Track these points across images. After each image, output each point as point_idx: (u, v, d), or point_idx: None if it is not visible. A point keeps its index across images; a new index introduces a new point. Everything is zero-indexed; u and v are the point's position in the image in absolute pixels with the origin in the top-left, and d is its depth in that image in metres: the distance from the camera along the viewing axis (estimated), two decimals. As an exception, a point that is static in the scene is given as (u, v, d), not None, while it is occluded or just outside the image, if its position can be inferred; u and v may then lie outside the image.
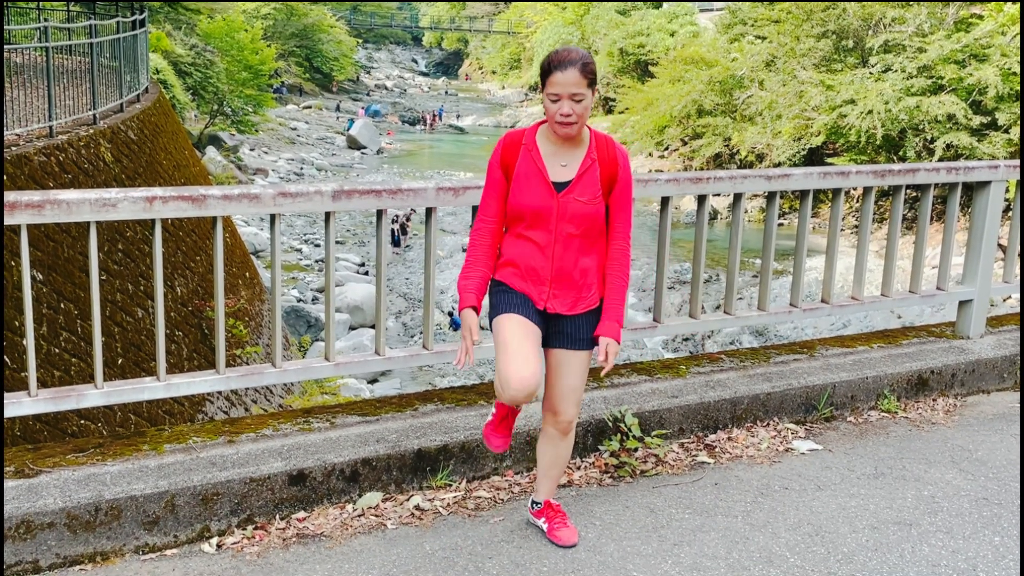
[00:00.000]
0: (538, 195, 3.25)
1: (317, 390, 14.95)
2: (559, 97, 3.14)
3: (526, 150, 3.29)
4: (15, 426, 7.42)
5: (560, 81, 3.13)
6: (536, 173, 3.26)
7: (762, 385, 4.68)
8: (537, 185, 3.25)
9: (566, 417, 3.43)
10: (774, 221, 4.92)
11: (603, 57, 49.96)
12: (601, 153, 3.28)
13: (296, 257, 27.54)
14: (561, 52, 3.18)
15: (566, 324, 3.36)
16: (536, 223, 3.27)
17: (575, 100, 3.14)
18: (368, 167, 44.60)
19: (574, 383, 3.40)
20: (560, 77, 3.13)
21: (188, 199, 3.62)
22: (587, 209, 3.25)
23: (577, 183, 3.24)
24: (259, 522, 3.57)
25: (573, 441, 3.54)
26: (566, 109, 3.14)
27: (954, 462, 4.34)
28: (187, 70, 33.68)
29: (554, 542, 3.51)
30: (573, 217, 3.24)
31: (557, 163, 3.26)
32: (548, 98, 3.17)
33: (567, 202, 3.23)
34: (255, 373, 3.99)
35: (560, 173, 3.26)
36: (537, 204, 3.25)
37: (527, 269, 3.31)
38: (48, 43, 10.92)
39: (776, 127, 29.88)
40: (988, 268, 5.43)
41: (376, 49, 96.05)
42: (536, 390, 3.22)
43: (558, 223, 3.25)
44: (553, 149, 3.28)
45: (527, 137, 3.31)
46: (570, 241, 3.26)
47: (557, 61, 3.14)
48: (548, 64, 3.15)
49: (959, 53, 24.95)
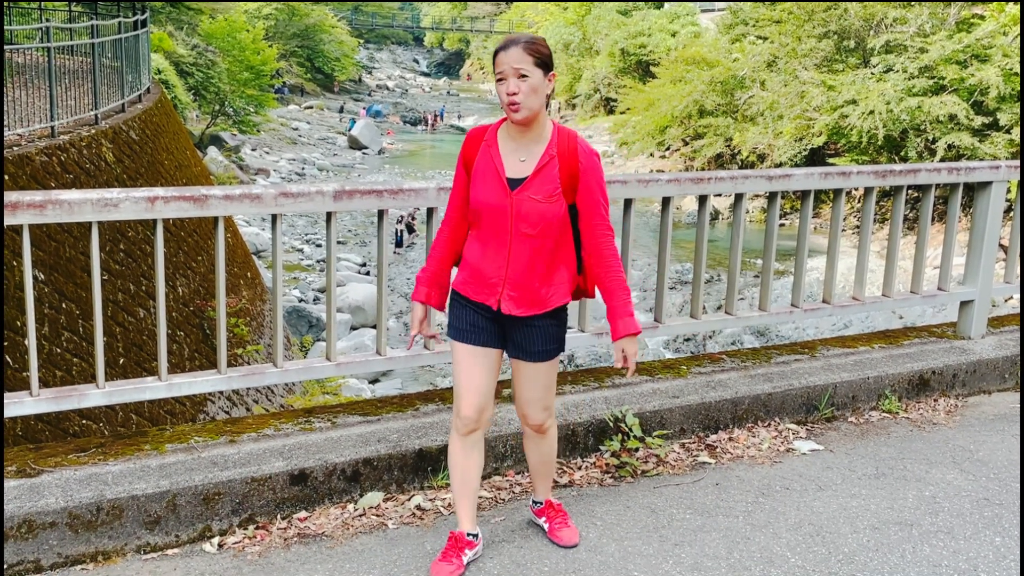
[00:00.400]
0: (492, 193, 3.12)
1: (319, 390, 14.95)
2: (504, 76, 3.04)
3: (486, 146, 3.17)
4: (17, 426, 7.43)
5: (503, 60, 3.04)
6: (492, 170, 3.14)
7: (763, 385, 4.68)
8: (492, 182, 3.13)
9: (532, 421, 3.39)
10: (775, 221, 4.92)
11: (604, 57, 49.97)
12: (561, 148, 3.12)
13: (297, 257, 27.55)
14: (507, 37, 3.14)
15: (522, 333, 3.24)
16: (491, 222, 3.14)
17: (520, 78, 3.02)
18: (369, 167, 44.60)
19: (533, 395, 3.33)
20: (503, 56, 3.04)
21: (190, 199, 3.62)
22: (544, 208, 3.09)
23: (533, 180, 3.10)
24: (260, 522, 3.57)
25: (555, 438, 3.49)
26: (512, 87, 3.02)
27: (955, 462, 4.34)
28: (189, 70, 33.71)
29: (555, 542, 3.50)
30: (528, 216, 3.09)
31: (516, 159, 3.13)
32: (497, 83, 3.06)
33: (521, 200, 3.09)
34: (256, 373, 3.99)
35: (517, 169, 3.13)
36: (491, 202, 3.12)
37: (479, 273, 3.20)
38: (50, 43, 10.93)
39: (777, 127, 29.88)
40: (989, 268, 5.43)
41: (378, 49, 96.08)
42: (481, 417, 3.26)
43: (514, 223, 3.11)
44: (513, 145, 3.15)
45: (489, 132, 3.20)
46: (526, 242, 3.12)
47: (502, 44, 3.08)
48: (495, 50, 3.09)
49: (961, 53, 24.95)
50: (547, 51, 3.10)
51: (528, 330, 3.24)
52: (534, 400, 3.35)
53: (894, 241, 5.27)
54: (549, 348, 3.28)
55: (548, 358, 3.29)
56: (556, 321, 3.27)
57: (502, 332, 3.28)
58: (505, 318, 3.23)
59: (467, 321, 3.26)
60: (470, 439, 3.29)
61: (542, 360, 3.29)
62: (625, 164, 39.30)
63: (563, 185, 3.12)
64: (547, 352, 3.28)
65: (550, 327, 3.26)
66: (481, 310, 3.25)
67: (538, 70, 3.05)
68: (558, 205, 3.12)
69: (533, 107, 3.06)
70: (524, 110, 3.05)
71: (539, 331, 3.25)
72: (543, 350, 3.27)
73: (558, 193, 3.11)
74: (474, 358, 3.26)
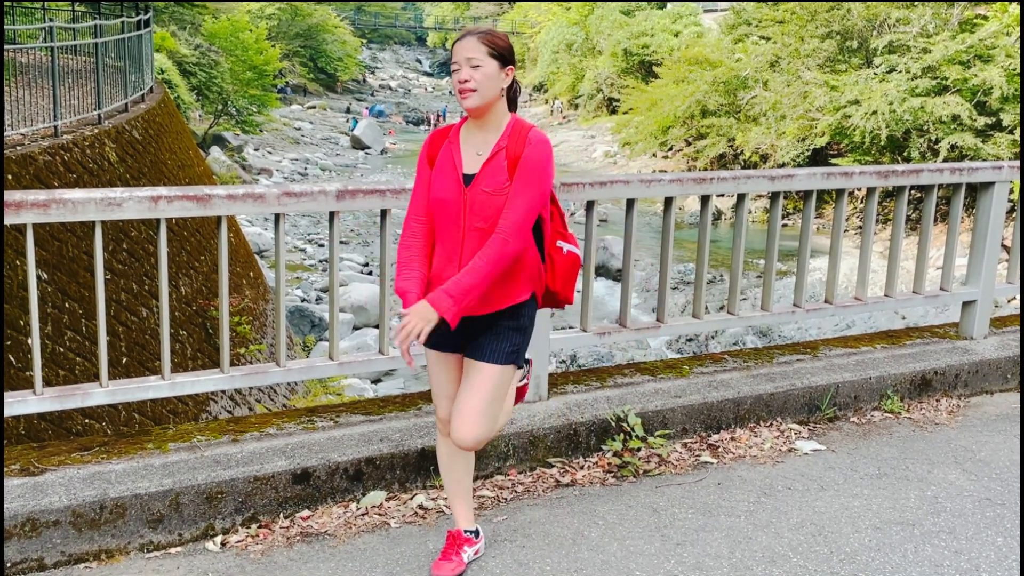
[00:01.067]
0: (447, 189, 3.08)
1: (321, 390, 14.96)
2: (458, 65, 3.03)
3: (448, 143, 3.14)
4: (20, 425, 7.44)
5: (457, 49, 3.03)
6: (451, 166, 3.09)
7: (765, 385, 4.68)
8: (448, 178, 3.09)
9: (455, 434, 3.10)
10: (778, 222, 4.92)
11: (607, 57, 49.93)
12: (512, 139, 3.05)
13: (300, 257, 27.56)
14: (464, 28, 3.13)
15: (477, 332, 3.12)
16: (445, 219, 3.07)
17: (472, 67, 3.00)
18: (372, 167, 44.62)
19: (468, 404, 3.08)
20: (457, 46, 3.04)
21: (193, 199, 3.63)
22: (494, 200, 3.01)
23: (483, 172, 3.04)
24: (263, 520, 3.58)
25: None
26: (463, 75, 3.00)
27: (957, 462, 4.34)
28: (192, 70, 33.74)
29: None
30: (480, 209, 3.02)
31: (473, 152, 3.09)
32: (452, 72, 3.05)
33: (474, 193, 3.03)
34: (259, 372, 4.00)
35: (473, 164, 3.07)
36: (445, 198, 3.07)
37: (436, 273, 3.10)
38: (53, 43, 10.94)
39: (780, 128, 29.85)
40: (992, 269, 5.43)
41: (380, 49, 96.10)
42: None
43: (466, 217, 3.04)
44: (471, 140, 3.11)
45: (452, 131, 3.16)
46: (478, 236, 3.03)
47: (459, 36, 3.07)
48: (453, 43, 3.09)
49: (964, 54, 24.91)
50: (504, 44, 3.07)
51: (483, 328, 3.11)
52: (467, 412, 3.07)
53: (896, 241, 5.27)
54: (500, 349, 3.08)
55: (497, 360, 3.08)
56: (514, 323, 3.11)
57: (463, 334, 3.15)
58: (465, 319, 3.09)
59: (439, 328, 3.04)
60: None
61: (490, 361, 3.08)
62: (628, 164, 39.29)
63: (511, 176, 3.03)
64: (496, 353, 3.08)
65: (506, 329, 3.10)
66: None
67: (492, 61, 3.02)
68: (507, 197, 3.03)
69: (486, 96, 3.02)
70: (474, 98, 3.01)
71: (493, 330, 3.10)
72: (493, 349, 3.08)
73: (506, 185, 3.02)
74: (441, 364, 3.23)
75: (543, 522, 3.67)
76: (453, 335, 3.14)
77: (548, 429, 4.13)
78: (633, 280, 4.55)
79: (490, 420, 3.11)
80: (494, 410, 3.12)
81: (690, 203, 27.51)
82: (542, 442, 4.12)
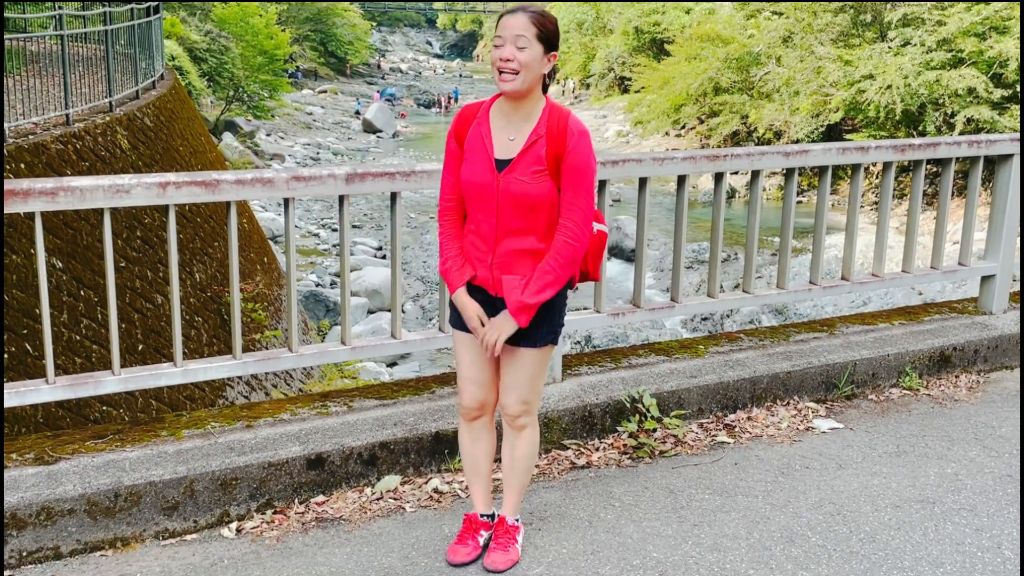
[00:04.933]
0: (480, 173, 3.02)
1: (336, 374, 14.99)
2: (502, 41, 2.92)
3: (477, 123, 3.06)
4: (37, 413, 7.48)
5: (505, 24, 2.92)
6: (481, 149, 3.03)
7: (782, 364, 4.64)
8: (480, 162, 3.02)
9: (508, 411, 3.21)
10: (792, 198, 4.87)
11: (618, 36, 49.66)
12: (551, 127, 2.98)
13: (314, 242, 27.60)
14: (517, 3, 3.02)
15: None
16: (479, 203, 3.03)
17: (518, 47, 2.90)
18: (384, 151, 44.57)
19: (513, 380, 3.16)
20: (506, 20, 2.93)
21: (201, 184, 3.60)
22: (530, 189, 2.97)
23: (519, 160, 2.98)
24: (278, 506, 3.57)
25: (532, 446, 3.27)
26: (506, 53, 2.90)
27: (977, 439, 4.30)
28: (202, 56, 33.72)
29: (484, 564, 3.24)
30: (515, 198, 2.98)
31: (505, 137, 3.01)
32: (494, 47, 2.93)
33: (508, 181, 2.98)
34: (272, 358, 3.99)
35: (506, 149, 3.01)
36: (478, 182, 3.01)
37: (473, 253, 3.10)
38: (63, 31, 10.93)
39: (794, 104, 29.63)
40: (1011, 243, 5.35)
41: (391, 32, 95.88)
42: (482, 405, 3.25)
43: (500, 204, 3.00)
44: (504, 122, 3.03)
45: (482, 110, 3.08)
46: (513, 223, 3.00)
47: (509, 8, 2.97)
48: (500, 15, 2.99)
49: (979, 26, 24.62)
50: (553, 27, 2.97)
51: None
52: (512, 386, 3.16)
53: (913, 216, 5.21)
54: (539, 333, 3.10)
55: (534, 343, 3.11)
56: (548, 305, 3.09)
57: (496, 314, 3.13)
58: (499, 302, 3.09)
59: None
60: (475, 425, 3.29)
61: (530, 345, 3.11)
62: (640, 143, 39.10)
63: (549, 166, 2.98)
64: (535, 337, 3.10)
65: (542, 312, 3.08)
66: (476, 295, 3.13)
67: (539, 44, 2.93)
68: (544, 185, 2.98)
69: (527, 81, 2.94)
70: (515, 82, 2.92)
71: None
72: (531, 334, 3.09)
73: (544, 173, 2.98)
74: (468, 347, 3.21)
75: (559, 504, 3.65)
76: (489, 319, 3.11)
77: (563, 411, 4.10)
78: (647, 260, 4.50)
79: (536, 395, 3.23)
80: (538, 386, 3.22)
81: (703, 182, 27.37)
82: (557, 424, 4.09)
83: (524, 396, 3.19)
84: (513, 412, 3.21)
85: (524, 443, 3.26)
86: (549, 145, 2.97)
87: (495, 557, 3.24)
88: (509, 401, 3.20)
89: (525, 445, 3.26)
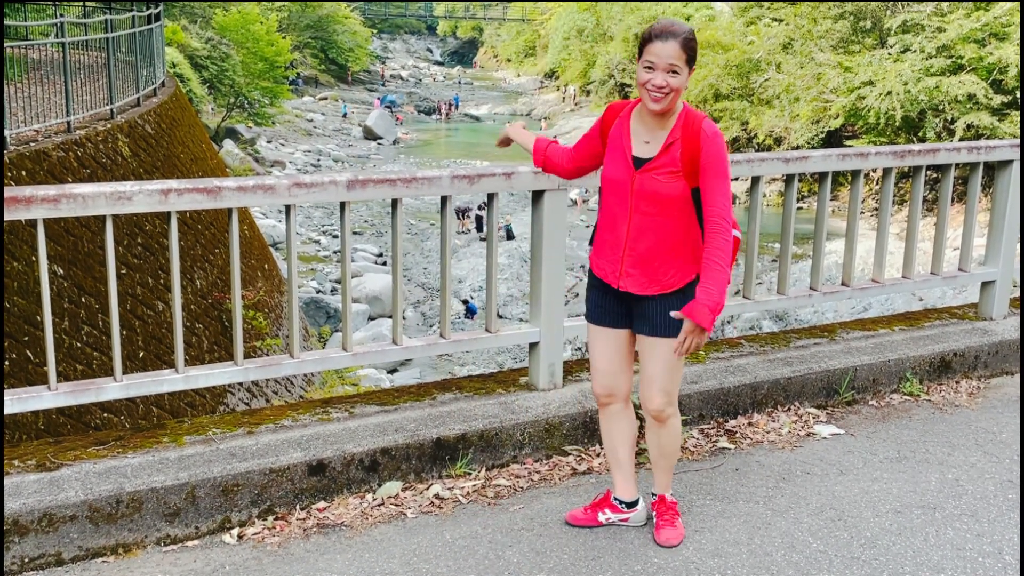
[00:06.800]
0: (618, 168, 3.21)
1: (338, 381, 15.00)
2: (654, 67, 3.06)
3: (620, 120, 3.25)
4: (39, 420, 7.48)
5: (658, 51, 3.05)
6: (620, 147, 3.22)
7: (782, 370, 4.64)
8: (619, 158, 3.21)
9: (650, 405, 3.36)
10: (793, 204, 4.87)
11: (619, 43, 49.74)
12: (686, 131, 3.15)
13: (315, 248, 27.62)
14: (665, 23, 3.11)
15: (643, 307, 3.28)
16: (614, 199, 3.23)
17: (671, 73, 3.06)
18: (384, 157, 44.64)
19: (652, 372, 3.32)
20: (659, 47, 3.05)
21: (203, 191, 3.61)
22: (665, 188, 3.14)
23: (656, 160, 3.15)
24: (279, 512, 3.57)
25: (676, 430, 3.43)
26: (659, 80, 3.06)
27: (978, 444, 4.30)
28: (203, 63, 33.78)
29: (655, 539, 3.44)
30: (649, 195, 3.15)
31: (641, 139, 3.19)
32: (643, 67, 3.08)
33: (644, 179, 3.15)
34: (273, 364, 3.99)
35: (643, 149, 3.18)
36: (616, 178, 3.21)
37: (602, 251, 3.31)
38: (65, 39, 10.96)
39: (794, 110, 29.69)
40: (1011, 248, 5.36)
41: (391, 39, 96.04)
42: (613, 393, 3.43)
43: (634, 200, 3.18)
44: (642, 127, 3.20)
45: (626, 109, 3.27)
46: (645, 220, 3.18)
47: (659, 31, 3.07)
48: (649, 34, 3.09)
49: (979, 32, 24.68)
50: (696, 46, 3.14)
51: (652, 304, 3.26)
52: (651, 378, 3.33)
53: (913, 222, 5.22)
54: (670, 323, 3.24)
55: (668, 333, 3.25)
56: (682, 299, 3.22)
57: (628, 311, 3.33)
58: (624, 296, 3.29)
59: (594, 302, 3.38)
60: (609, 410, 3.48)
61: (662, 335, 3.26)
62: (641, 150, 39.10)
63: (684, 167, 3.13)
64: (667, 327, 3.24)
65: (674, 300, 3.23)
66: (606, 290, 3.33)
67: (687, 67, 3.09)
68: (678, 185, 3.14)
69: (674, 100, 3.11)
70: (665, 102, 3.09)
71: (660, 303, 3.25)
72: (662, 323, 3.25)
73: (678, 173, 3.14)
74: (601, 340, 3.39)
75: (560, 510, 3.65)
76: (619, 312, 3.33)
77: (564, 417, 4.11)
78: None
79: (675, 385, 3.37)
80: (676, 375, 3.36)
81: (704, 188, 27.39)
82: (558, 430, 4.10)
83: (664, 386, 3.33)
84: (656, 405, 3.35)
85: (669, 433, 3.43)
86: (684, 148, 3.14)
87: (667, 533, 3.43)
88: (650, 394, 3.35)
89: (670, 434, 3.44)
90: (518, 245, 26.68)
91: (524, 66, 78.62)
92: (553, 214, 4.15)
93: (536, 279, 4.23)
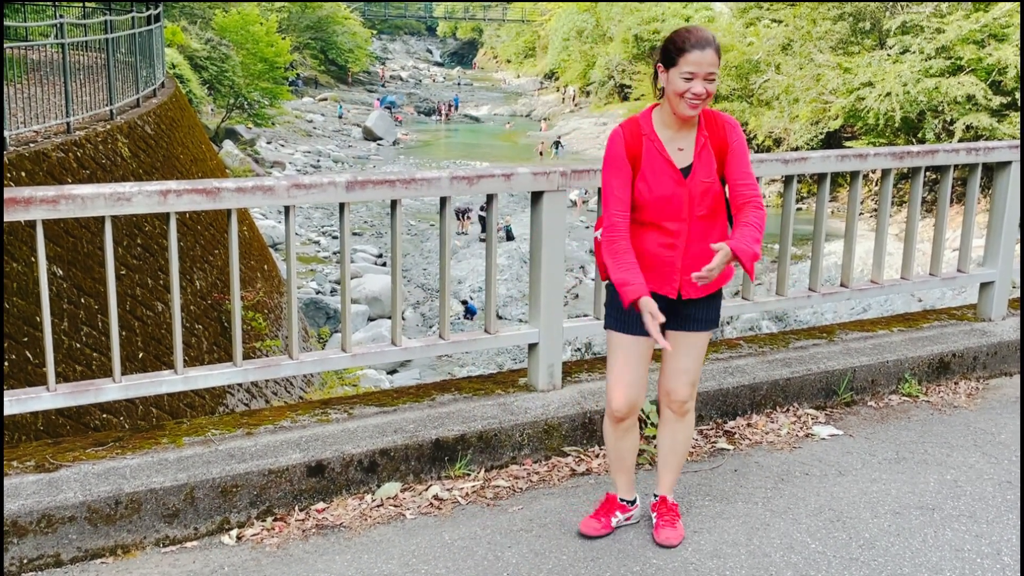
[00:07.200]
0: (669, 184, 3.20)
1: (337, 382, 14.99)
2: (694, 76, 3.09)
3: (648, 140, 3.23)
4: (38, 421, 7.48)
5: (698, 60, 3.08)
6: (663, 163, 3.21)
7: (781, 370, 4.64)
8: (666, 174, 3.20)
9: (677, 396, 3.41)
10: (791, 205, 4.88)
11: (618, 44, 49.75)
12: (711, 129, 3.23)
13: (314, 249, 27.62)
14: (695, 31, 3.12)
15: (687, 306, 3.33)
16: (665, 212, 3.21)
17: (708, 80, 3.10)
18: (384, 158, 44.64)
19: (686, 364, 3.38)
20: (699, 56, 3.08)
21: (202, 192, 3.62)
22: (713, 187, 3.22)
23: (698, 164, 3.21)
24: (278, 513, 3.58)
25: (692, 425, 3.50)
26: (699, 88, 3.09)
27: (977, 445, 4.30)
28: (203, 64, 33.80)
29: (654, 539, 3.46)
30: (702, 198, 3.21)
31: (675, 148, 3.22)
32: (681, 77, 3.09)
33: (695, 184, 3.20)
34: (272, 365, 3.99)
35: (681, 158, 3.22)
36: (669, 193, 3.20)
37: (653, 265, 3.26)
38: (64, 39, 10.96)
39: (793, 111, 29.71)
40: (1010, 249, 5.36)
41: (391, 40, 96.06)
42: (632, 408, 3.38)
43: (690, 208, 3.21)
44: (669, 134, 3.23)
45: (644, 127, 3.25)
46: (699, 223, 3.23)
47: (695, 40, 3.08)
48: (683, 43, 3.09)
49: (978, 33, 24.70)
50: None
51: (702, 300, 3.34)
52: (684, 370, 3.38)
53: (912, 223, 5.22)
54: (711, 316, 3.36)
55: (709, 327, 3.37)
56: (718, 294, 3.38)
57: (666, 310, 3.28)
58: (680, 306, 3.31)
59: (632, 312, 3.26)
60: (623, 426, 3.43)
61: (704, 329, 3.37)
62: (640, 151, 39.11)
63: (718, 160, 3.23)
64: (709, 321, 3.36)
65: (714, 298, 3.37)
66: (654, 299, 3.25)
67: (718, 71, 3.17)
68: (717, 181, 3.24)
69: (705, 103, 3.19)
70: (701, 107, 3.15)
71: (704, 302, 3.35)
72: (707, 318, 3.36)
73: (715, 172, 3.23)
74: (633, 349, 3.35)
75: (559, 511, 3.66)
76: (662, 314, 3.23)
77: (563, 418, 4.11)
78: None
79: (697, 378, 3.46)
80: (699, 371, 3.46)
81: (703, 189, 27.42)
82: (557, 431, 4.10)
83: (694, 379, 3.42)
84: (683, 397, 3.41)
85: (686, 427, 3.49)
86: (714, 142, 3.24)
87: (667, 533, 3.45)
88: (679, 386, 3.40)
89: (687, 429, 3.49)
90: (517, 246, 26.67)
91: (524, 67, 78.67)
92: (552, 215, 4.15)
93: (535, 280, 4.23)
